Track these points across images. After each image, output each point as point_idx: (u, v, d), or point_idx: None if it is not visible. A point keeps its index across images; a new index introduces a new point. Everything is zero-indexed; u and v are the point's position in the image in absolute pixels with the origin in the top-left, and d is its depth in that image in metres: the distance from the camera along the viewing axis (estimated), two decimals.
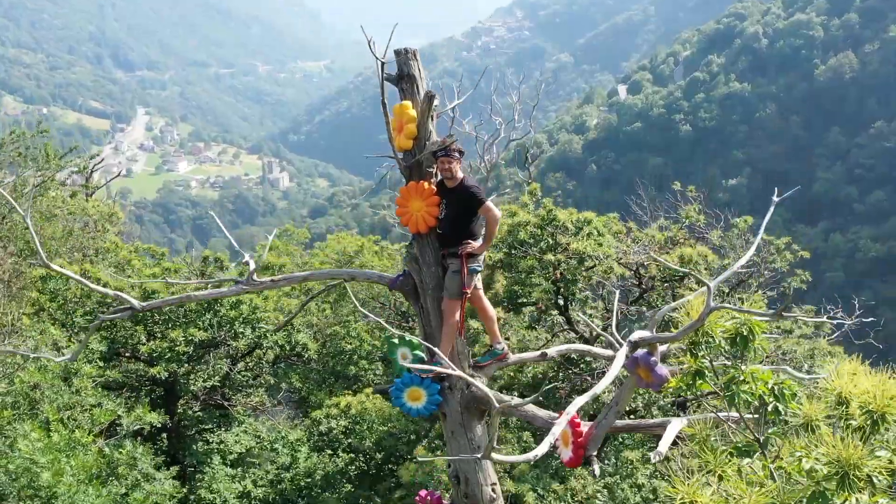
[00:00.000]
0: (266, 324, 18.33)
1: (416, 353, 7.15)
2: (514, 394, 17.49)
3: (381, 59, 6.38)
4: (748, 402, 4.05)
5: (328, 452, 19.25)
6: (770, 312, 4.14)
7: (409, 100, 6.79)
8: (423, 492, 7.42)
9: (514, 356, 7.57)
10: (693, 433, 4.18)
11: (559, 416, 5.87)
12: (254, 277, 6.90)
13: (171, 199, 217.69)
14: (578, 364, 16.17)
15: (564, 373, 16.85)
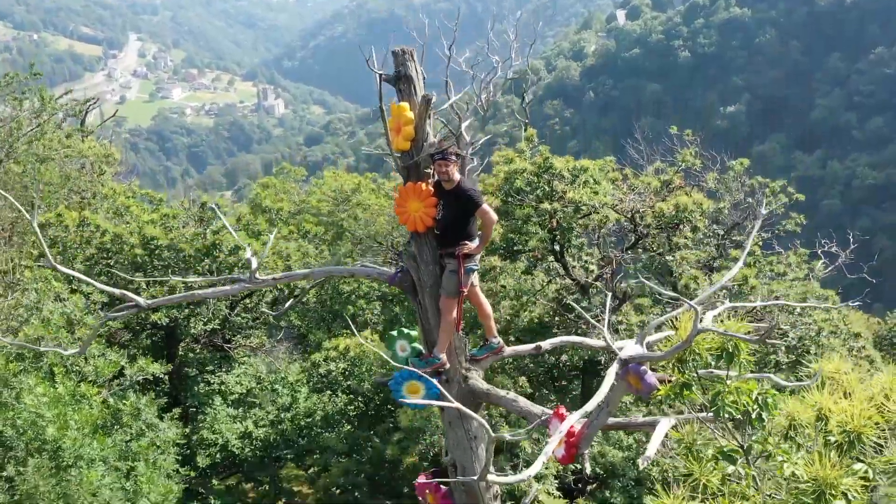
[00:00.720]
0: (264, 268, 18.40)
1: (415, 346, 7.35)
2: (511, 338, 17.75)
3: (380, 73, 6.47)
4: (733, 415, 4.25)
5: (328, 393, 19.54)
6: (754, 338, 4.28)
7: (407, 100, 6.83)
8: (422, 477, 7.66)
9: (509, 349, 7.81)
10: (680, 437, 4.36)
11: (552, 412, 6.09)
12: (256, 276, 7.08)
13: (166, 127, 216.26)
14: (573, 310, 16.36)
15: (560, 317, 17.08)
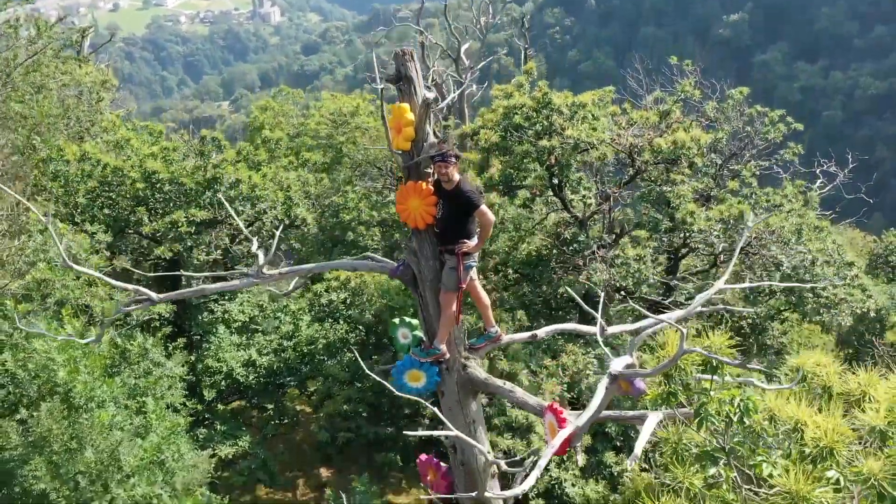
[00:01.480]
0: (265, 200, 18.50)
1: (416, 334, 7.59)
2: (510, 270, 18.02)
3: (381, 87, 6.56)
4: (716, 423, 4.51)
5: (329, 321, 19.90)
6: (736, 362, 4.49)
7: (407, 100, 6.91)
8: (424, 456, 7.97)
9: (506, 336, 8.06)
10: (666, 437, 4.62)
11: (547, 405, 6.36)
12: (263, 271, 7.30)
13: (161, 36, 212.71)
14: (571, 244, 16.60)
15: (558, 250, 17.33)
